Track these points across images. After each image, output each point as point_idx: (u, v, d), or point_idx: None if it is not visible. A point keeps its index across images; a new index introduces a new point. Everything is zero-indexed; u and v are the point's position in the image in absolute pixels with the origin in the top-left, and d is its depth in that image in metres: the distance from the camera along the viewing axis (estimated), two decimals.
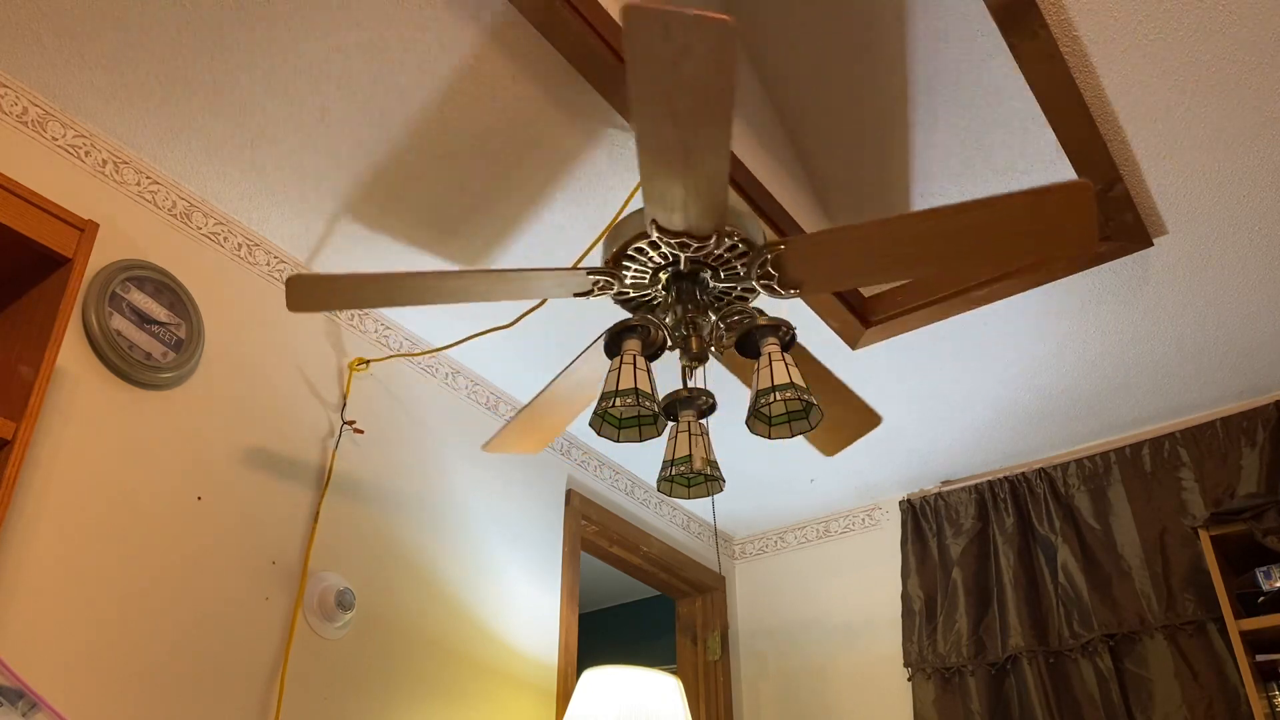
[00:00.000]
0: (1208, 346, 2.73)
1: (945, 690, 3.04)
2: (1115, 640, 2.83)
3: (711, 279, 1.76)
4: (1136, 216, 2.26)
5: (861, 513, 3.60)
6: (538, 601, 2.84)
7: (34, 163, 1.99)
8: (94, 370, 1.97)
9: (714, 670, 3.52)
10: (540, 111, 2.07)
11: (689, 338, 1.75)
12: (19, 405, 1.58)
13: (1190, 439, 2.95)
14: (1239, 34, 1.88)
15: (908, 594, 3.25)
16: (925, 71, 2.12)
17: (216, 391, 2.18)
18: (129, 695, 1.83)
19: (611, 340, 1.76)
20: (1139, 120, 2.06)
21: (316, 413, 2.39)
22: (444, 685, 2.45)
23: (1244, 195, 2.25)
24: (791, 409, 1.73)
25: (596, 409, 1.68)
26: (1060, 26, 1.86)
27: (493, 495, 2.81)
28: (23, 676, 1.69)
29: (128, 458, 1.97)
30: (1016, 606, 2.99)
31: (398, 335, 2.68)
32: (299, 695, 2.12)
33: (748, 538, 3.85)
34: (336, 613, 2.23)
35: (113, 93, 2.02)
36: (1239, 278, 2.49)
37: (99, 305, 1.98)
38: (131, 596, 1.89)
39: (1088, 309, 2.60)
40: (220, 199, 2.29)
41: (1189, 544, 2.81)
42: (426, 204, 2.30)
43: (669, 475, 1.84)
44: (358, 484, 2.43)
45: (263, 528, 2.17)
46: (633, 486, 3.40)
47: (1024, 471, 3.20)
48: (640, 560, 3.35)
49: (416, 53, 1.94)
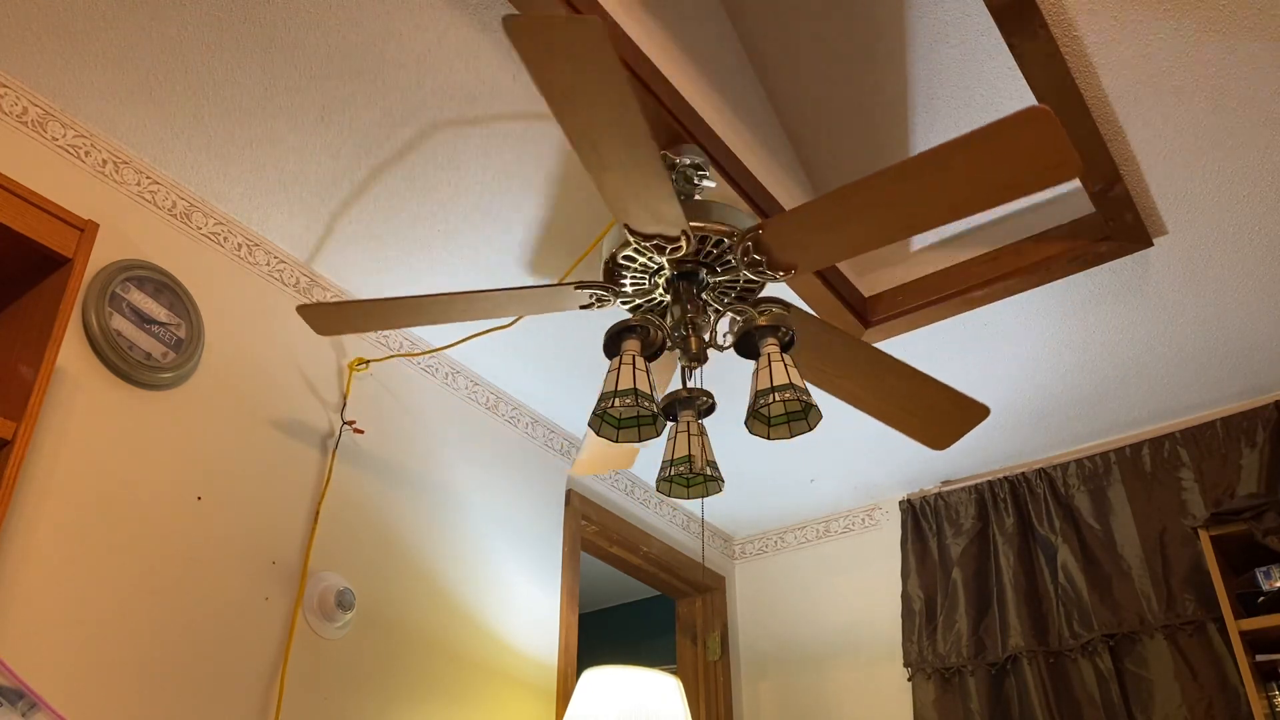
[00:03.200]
0: (1208, 346, 2.73)
1: (945, 690, 3.04)
2: (1115, 640, 2.83)
3: (708, 275, 1.77)
4: (1136, 216, 2.26)
5: (861, 513, 3.60)
6: (538, 601, 2.84)
7: (34, 163, 1.99)
8: (94, 370, 1.97)
9: (714, 670, 3.52)
10: (543, 109, 2.07)
11: (688, 338, 1.75)
12: (19, 405, 1.58)
13: (1190, 439, 2.95)
14: (1239, 34, 1.88)
15: (908, 594, 3.25)
16: (925, 71, 2.12)
17: (216, 391, 2.18)
18: (129, 695, 1.83)
19: (611, 341, 1.76)
20: (1139, 120, 2.06)
21: (316, 413, 2.39)
22: (444, 685, 2.45)
23: (1244, 195, 2.25)
24: (791, 410, 1.73)
25: (596, 409, 1.68)
26: (1060, 26, 1.86)
27: (493, 495, 2.81)
28: (23, 676, 1.69)
29: (128, 458, 1.97)
30: (1016, 606, 2.99)
31: (398, 335, 2.68)
32: (299, 695, 2.12)
33: (748, 538, 3.85)
34: (336, 613, 2.23)
35: (112, 93, 2.03)
36: (1239, 277, 2.48)
37: (99, 305, 1.98)
38: (131, 596, 1.89)
39: (1088, 309, 2.60)
40: (220, 199, 2.29)
41: (1189, 544, 2.81)
42: (427, 204, 2.30)
43: (669, 475, 1.84)
44: (358, 484, 2.43)
45: (263, 528, 2.17)
46: (632, 486, 3.40)
47: (1024, 471, 3.20)
48: (640, 560, 3.35)
49: (416, 52, 1.94)
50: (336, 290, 2.54)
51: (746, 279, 1.80)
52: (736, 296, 1.84)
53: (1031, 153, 1.44)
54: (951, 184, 1.51)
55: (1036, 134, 1.41)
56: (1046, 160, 1.45)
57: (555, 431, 3.13)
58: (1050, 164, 1.45)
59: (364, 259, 2.47)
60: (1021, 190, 1.51)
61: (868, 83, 2.17)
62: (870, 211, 1.57)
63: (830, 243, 1.66)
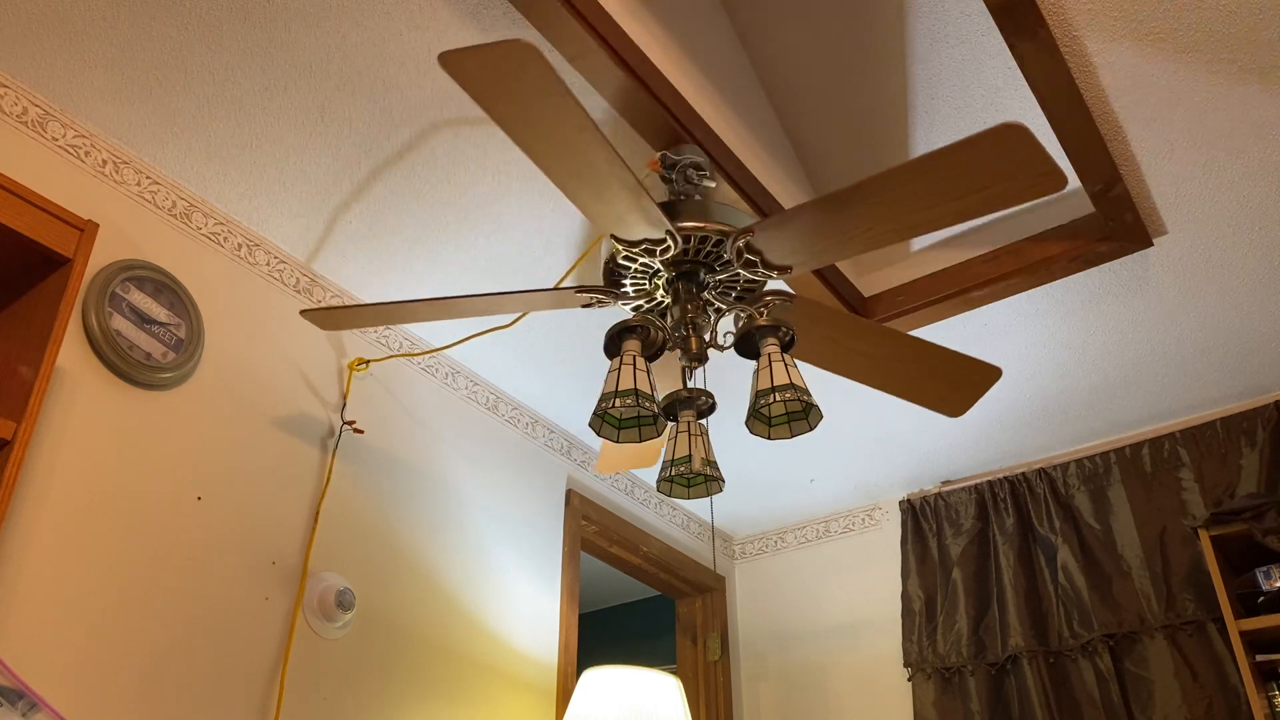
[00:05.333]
0: (1207, 346, 2.73)
1: (945, 690, 3.04)
2: (1115, 640, 2.83)
3: (707, 275, 1.77)
4: (1136, 216, 2.26)
5: (861, 513, 3.60)
6: (538, 601, 2.84)
7: (34, 163, 1.99)
8: (94, 370, 1.97)
9: (714, 670, 3.52)
10: None
11: (689, 338, 1.75)
12: (19, 405, 1.58)
13: (1190, 439, 2.95)
14: (1239, 34, 1.88)
15: (907, 594, 3.25)
16: (925, 72, 2.12)
17: (216, 392, 2.18)
18: (129, 695, 1.83)
19: (611, 341, 1.76)
20: (1139, 120, 2.06)
21: (316, 413, 2.39)
22: (444, 685, 2.45)
23: (1244, 196, 2.25)
24: (791, 409, 1.73)
25: (596, 409, 1.68)
26: (1060, 26, 1.86)
27: (493, 495, 2.81)
28: (23, 676, 1.69)
29: (128, 458, 1.97)
30: (1016, 606, 2.99)
31: (397, 335, 2.68)
32: (299, 695, 2.12)
33: (748, 538, 3.85)
34: (336, 613, 2.23)
35: (113, 93, 2.02)
36: (1239, 278, 2.49)
37: (99, 305, 1.98)
38: (131, 597, 1.89)
39: (1088, 309, 2.60)
40: (220, 199, 2.29)
41: (1189, 544, 2.81)
42: (427, 204, 2.30)
43: (669, 475, 1.84)
44: (358, 484, 2.43)
45: (263, 528, 2.17)
46: (632, 486, 3.40)
47: (1024, 471, 3.20)
48: (640, 560, 3.35)
49: (417, 52, 1.94)
50: (336, 290, 2.54)
51: (746, 278, 1.81)
52: (737, 296, 1.85)
53: (1014, 166, 1.47)
54: (939, 192, 1.53)
55: (1013, 149, 1.43)
56: (1030, 173, 1.48)
57: (555, 431, 3.13)
58: (1034, 176, 1.48)
59: (364, 259, 2.47)
60: (1011, 200, 1.54)
61: (868, 83, 2.17)
62: (862, 216, 1.59)
63: (822, 245, 1.68)
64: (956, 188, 1.51)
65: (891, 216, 1.58)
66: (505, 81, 1.32)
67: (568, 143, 1.43)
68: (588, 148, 1.44)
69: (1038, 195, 1.51)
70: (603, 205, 1.57)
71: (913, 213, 1.57)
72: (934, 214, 1.57)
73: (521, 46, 1.27)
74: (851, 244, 1.66)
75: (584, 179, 1.51)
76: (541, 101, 1.35)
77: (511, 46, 1.27)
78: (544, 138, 1.42)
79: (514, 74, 1.31)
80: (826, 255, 1.70)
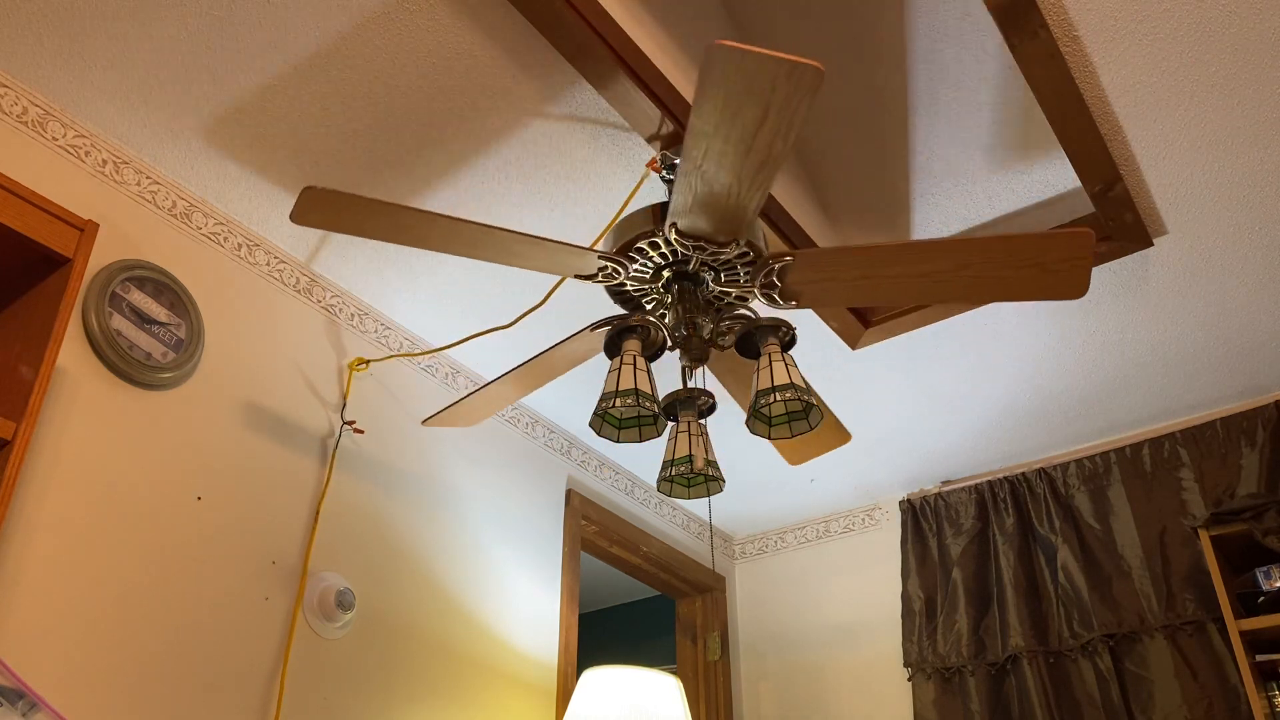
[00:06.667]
0: (1208, 346, 2.73)
1: (945, 690, 3.04)
2: (1115, 640, 2.83)
3: (712, 281, 1.76)
4: (1136, 216, 2.26)
5: (861, 513, 3.60)
6: (538, 601, 2.84)
7: (34, 163, 1.99)
8: (94, 370, 1.97)
9: (714, 670, 3.52)
10: (544, 109, 2.07)
11: (689, 338, 1.75)
12: (19, 405, 1.59)
13: (1190, 439, 2.95)
14: (1239, 34, 1.88)
15: (908, 594, 3.25)
16: (925, 71, 2.12)
17: (216, 391, 2.18)
18: (128, 695, 1.83)
19: (611, 341, 1.76)
20: (1139, 120, 2.06)
21: (316, 413, 2.39)
22: (444, 685, 2.45)
23: (1244, 196, 2.25)
24: (791, 409, 1.73)
25: (597, 409, 1.68)
26: (1060, 26, 1.86)
27: (493, 495, 2.81)
28: (23, 676, 1.69)
29: (128, 458, 1.97)
30: (1016, 606, 2.99)
31: (397, 335, 2.68)
32: (299, 695, 2.12)
33: (748, 538, 3.85)
34: (336, 613, 2.23)
35: (113, 92, 2.02)
36: (1239, 278, 2.49)
37: (99, 305, 1.98)
38: (131, 596, 1.89)
39: (1088, 309, 2.60)
40: (220, 199, 2.29)
41: (1189, 544, 2.81)
42: (428, 204, 2.30)
43: (669, 475, 1.84)
44: (358, 484, 2.43)
45: (263, 528, 2.17)
46: (632, 486, 3.40)
47: (1024, 471, 3.20)
48: (640, 560, 3.35)
49: (418, 51, 1.94)
50: (336, 290, 2.54)
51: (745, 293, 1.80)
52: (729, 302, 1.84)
53: (1058, 268, 1.57)
54: (978, 275, 1.63)
55: (1073, 253, 1.54)
56: (1066, 279, 1.59)
57: (555, 431, 3.13)
58: (1067, 284, 1.60)
59: (364, 259, 2.47)
60: (1029, 296, 1.66)
61: (868, 83, 2.17)
62: (894, 276, 1.67)
63: (845, 291, 1.74)
64: (1007, 271, 1.61)
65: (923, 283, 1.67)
66: (765, 92, 1.28)
67: (753, 162, 1.44)
68: (761, 176, 1.47)
69: (1053, 298, 1.65)
70: (710, 212, 1.59)
71: (942, 287, 1.66)
72: (964, 292, 1.66)
73: (813, 71, 1.24)
74: (874, 296, 1.73)
75: (723, 197, 1.53)
76: (774, 124, 1.34)
77: (805, 69, 1.24)
78: (731, 153, 1.42)
79: (780, 89, 1.27)
80: (847, 299, 1.76)
